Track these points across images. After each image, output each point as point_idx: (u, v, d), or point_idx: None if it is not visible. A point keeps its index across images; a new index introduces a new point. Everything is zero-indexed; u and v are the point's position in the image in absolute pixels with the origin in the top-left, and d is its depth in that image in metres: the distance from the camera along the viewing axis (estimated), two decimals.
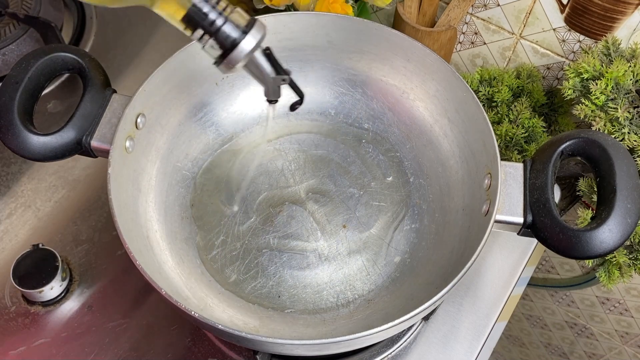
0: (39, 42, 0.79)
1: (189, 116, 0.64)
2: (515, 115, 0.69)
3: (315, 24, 0.63)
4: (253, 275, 0.58)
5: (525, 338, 1.23)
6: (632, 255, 0.63)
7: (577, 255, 0.47)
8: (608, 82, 0.59)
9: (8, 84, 0.53)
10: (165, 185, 0.61)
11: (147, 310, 0.64)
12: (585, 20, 0.66)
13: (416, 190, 0.63)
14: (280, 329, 0.54)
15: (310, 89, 0.68)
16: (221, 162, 0.65)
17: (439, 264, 0.57)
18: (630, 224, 0.46)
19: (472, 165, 0.58)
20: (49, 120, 0.76)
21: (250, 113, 0.68)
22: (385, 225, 0.61)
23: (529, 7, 0.69)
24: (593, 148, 0.49)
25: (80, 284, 0.65)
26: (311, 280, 0.58)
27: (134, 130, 0.57)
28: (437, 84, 0.61)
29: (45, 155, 0.54)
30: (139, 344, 0.62)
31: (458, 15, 0.74)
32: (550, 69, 0.74)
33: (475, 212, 0.55)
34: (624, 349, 1.02)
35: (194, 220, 0.61)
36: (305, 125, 0.68)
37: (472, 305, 0.65)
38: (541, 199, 0.49)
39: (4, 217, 0.69)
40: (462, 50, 0.80)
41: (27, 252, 0.63)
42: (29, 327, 0.62)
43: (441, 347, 0.62)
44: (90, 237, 0.68)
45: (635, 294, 0.90)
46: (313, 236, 0.60)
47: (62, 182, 0.72)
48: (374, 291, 0.58)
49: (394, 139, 0.66)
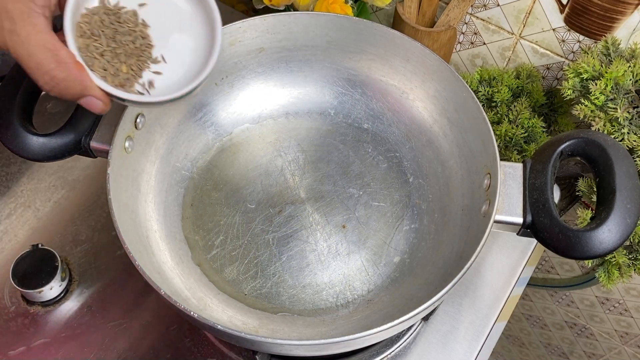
0: None
1: (189, 116, 0.64)
2: (514, 115, 0.69)
3: (315, 24, 0.63)
4: (252, 276, 0.58)
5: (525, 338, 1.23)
6: (632, 256, 0.63)
7: (576, 255, 0.47)
8: (608, 82, 0.59)
9: (7, 84, 0.53)
10: (164, 186, 0.61)
11: (146, 311, 0.64)
12: (584, 21, 0.66)
13: (416, 191, 0.63)
14: (280, 329, 0.54)
15: (309, 89, 0.68)
16: (220, 162, 0.65)
17: (439, 264, 0.57)
18: (629, 224, 0.46)
19: (471, 166, 0.58)
20: (48, 121, 0.76)
21: (249, 113, 0.68)
22: (384, 226, 0.61)
23: (528, 7, 0.69)
24: (592, 148, 0.49)
25: (80, 284, 0.65)
26: (311, 280, 0.58)
27: (134, 131, 0.57)
28: (436, 84, 0.61)
29: (44, 155, 0.54)
30: (139, 344, 0.62)
31: (458, 15, 0.74)
32: (549, 69, 0.74)
33: (475, 212, 0.55)
34: (623, 349, 1.02)
35: (194, 221, 0.61)
36: (305, 125, 0.68)
37: (472, 306, 0.65)
38: (541, 199, 0.49)
39: (4, 217, 0.69)
40: (462, 50, 0.80)
41: (27, 252, 0.63)
42: (29, 327, 0.62)
43: (441, 347, 0.62)
44: (89, 237, 0.68)
45: (635, 294, 0.90)
46: (312, 236, 0.60)
47: (62, 182, 0.72)
48: (373, 291, 0.58)
49: (393, 139, 0.66)
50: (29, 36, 0.40)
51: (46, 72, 0.41)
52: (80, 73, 0.42)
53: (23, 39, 0.40)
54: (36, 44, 0.40)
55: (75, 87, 0.42)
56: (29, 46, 0.40)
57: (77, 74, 0.42)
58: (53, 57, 0.40)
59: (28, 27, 0.40)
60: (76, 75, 0.41)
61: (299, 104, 0.68)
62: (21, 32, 0.40)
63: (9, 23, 0.39)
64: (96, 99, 0.44)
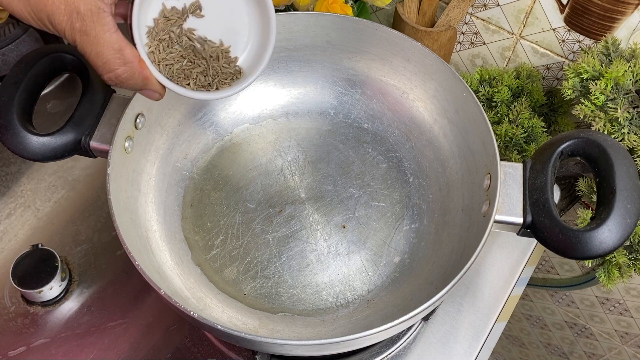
0: (38, 41, 0.79)
1: (189, 116, 0.64)
2: (514, 115, 0.69)
3: (315, 24, 0.63)
4: (252, 276, 0.58)
5: (525, 338, 1.23)
6: (632, 256, 0.63)
7: (576, 255, 0.47)
8: (608, 82, 0.59)
9: (7, 84, 0.53)
10: (164, 186, 0.61)
11: (146, 311, 0.64)
12: (585, 21, 0.66)
13: (416, 191, 0.63)
14: (280, 329, 0.54)
15: (309, 89, 0.68)
16: (220, 162, 0.65)
17: (439, 264, 0.57)
18: (629, 224, 0.46)
19: (471, 166, 0.58)
20: (48, 121, 0.76)
21: (249, 113, 0.68)
22: (384, 226, 0.61)
23: (528, 7, 0.69)
24: (592, 148, 0.49)
25: (80, 284, 0.65)
26: (310, 280, 0.58)
27: (134, 131, 0.57)
28: (436, 84, 0.61)
29: (44, 155, 0.54)
30: (139, 344, 0.62)
31: (458, 15, 0.74)
32: (549, 69, 0.74)
33: (475, 212, 0.55)
34: (623, 349, 1.02)
35: (194, 221, 0.61)
36: (305, 125, 0.68)
37: (472, 306, 0.65)
38: (541, 199, 0.49)
39: (4, 217, 0.69)
40: (462, 50, 0.80)
41: (27, 252, 0.63)
42: (29, 328, 0.62)
43: (441, 347, 0.62)
44: (89, 237, 0.68)
45: (635, 294, 0.90)
46: (312, 236, 0.60)
47: (62, 182, 0.72)
48: (373, 291, 0.58)
49: (393, 139, 0.66)
50: (98, 36, 0.42)
51: (111, 70, 0.44)
52: (143, 71, 0.45)
53: (92, 39, 0.42)
54: (105, 44, 0.42)
55: (137, 83, 0.46)
56: (98, 46, 0.42)
57: (140, 72, 0.45)
58: (119, 58, 0.43)
59: (98, 27, 0.42)
60: (140, 73, 0.45)
61: (299, 104, 0.68)
62: (91, 32, 0.42)
63: (80, 24, 0.42)
64: (153, 91, 0.47)
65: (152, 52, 0.47)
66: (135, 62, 0.44)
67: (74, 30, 0.42)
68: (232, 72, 0.51)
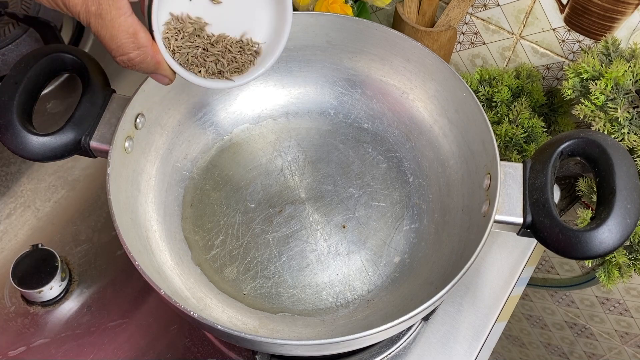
0: (38, 42, 0.79)
1: (189, 116, 0.64)
2: (514, 115, 0.69)
3: (315, 24, 0.63)
4: (252, 276, 0.58)
5: (525, 338, 1.23)
6: (632, 256, 0.63)
7: (576, 255, 0.47)
8: (608, 82, 0.59)
9: (7, 84, 0.53)
10: (164, 186, 0.61)
11: (146, 311, 0.64)
12: (584, 21, 0.66)
13: (416, 191, 0.63)
14: (280, 329, 0.54)
15: (309, 89, 0.68)
16: (220, 162, 0.65)
17: (439, 264, 0.57)
18: (629, 224, 0.46)
19: (471, 166, 0.58)
20: (48, 121, 0.76)
21: (249, 113, 0.68)
22: (384, 226, 0.61)
23: (528, 7, 0.69)
24: (592, 148, 0.49)
25: (80, 284, 0.65)
26: (310, 280, 0.58)
27: (134, 131, 0.57)
28: (436, 84, 0.61)
29: (44, 155, 0.54)
30: (139, 344, 0.62)
31: (458, 15, 0.74)
32: (549, 69, 0.74)
33: (475, 212, 0.55)
34: (623, 349, 1.02)
35: (194, 221, 0.61)
36: (305, 125, 0.68)
37: (472, 306, 0.65)
38: (541, 199, 0.49)
39: (3, 217, 0.69)
40: (462, 50, 0.80)
41: (27, 252, 0.63)
42: (29, 328, 0.62)
43: (441, 347, 0.62)
44: (89, 237, 0.68)
45: (635, 294, 0.90)
46: (312, 236, 0.60)
47: (62, 182, 0.72)
48: (373, 291, 0.58)
49: (393, 139, 0.66)
50: (113, 20, 0.42)
51: (124, 53, 0.44)
52: (156, 55, 0.46)
53: (107, 22, 0.42)
54: (119, 28, 0.43)
55: (149, 67, 0.46)
56: (112, 29, 0.43)
57: (152, 56, 0.46)
58: (133, 42, 0.44)
59: (113, 11, 0.42)
60: (152, 57, 0.45)
61: (299, 104, 0.68)
62: (106, 16, 0.42)
63: (96, 7, 0.42)
64: (164, 75, 0.48)
65: (167, 39, 0.47)
66: (148, 46, 0.45)
67: (89, 13, 0.42)
68: (243, 61, 0.51)
